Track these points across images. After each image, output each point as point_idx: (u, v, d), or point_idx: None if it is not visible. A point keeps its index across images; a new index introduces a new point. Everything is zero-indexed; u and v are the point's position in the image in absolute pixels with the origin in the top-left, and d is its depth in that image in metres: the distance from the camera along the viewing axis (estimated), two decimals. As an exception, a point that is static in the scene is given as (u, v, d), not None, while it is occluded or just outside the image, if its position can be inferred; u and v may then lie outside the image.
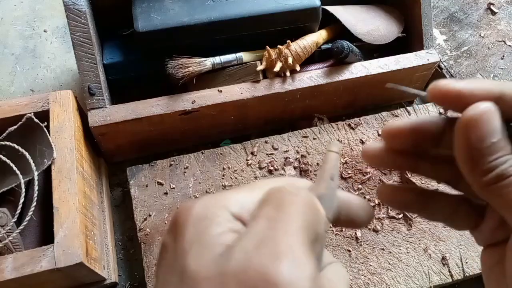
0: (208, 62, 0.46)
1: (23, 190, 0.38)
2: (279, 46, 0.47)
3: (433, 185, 0.44)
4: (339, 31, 0.52)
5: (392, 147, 0.20)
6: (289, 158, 0.48)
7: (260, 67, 0.47)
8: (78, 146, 0.42)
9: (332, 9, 0.50)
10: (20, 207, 0.37)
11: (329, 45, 0.50)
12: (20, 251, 0.37)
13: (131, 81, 0.49)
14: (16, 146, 0.40)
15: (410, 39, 0.54)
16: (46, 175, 0.41)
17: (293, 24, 0.48)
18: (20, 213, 0.37)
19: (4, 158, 0.39)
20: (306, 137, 0.49)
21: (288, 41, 0.47)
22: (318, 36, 0.50)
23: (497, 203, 0.17)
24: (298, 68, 0.48)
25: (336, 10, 0.51)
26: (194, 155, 0.48)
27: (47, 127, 0.41)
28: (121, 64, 0.47)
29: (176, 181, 0.46)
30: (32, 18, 0.64)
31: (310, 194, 0.16)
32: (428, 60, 0.51)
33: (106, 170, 0.51)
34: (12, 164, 0.39)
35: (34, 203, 0.37)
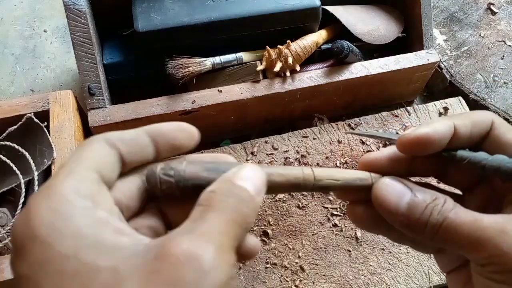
0: (208, 62, 0.46)
1: (23, 190, 0.38)
2: (279, 46, 0.47)
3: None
4: (339, 31, 0.52)
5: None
6: (289, 158, 0.48)
7: (260, 67, 0.47)
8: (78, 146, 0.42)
9: (332, 9, 0.50)
10: (20, 207, 0.37)
11: (329, 45, 0.50)
12: (20, 251, 0.37)
13: (131, 81, 0.49)
14: (16, 146, 0.40)
15: (410, 39, 0.54)
16: (46, 175, 0.41)
17: (293, 24, 0.48)
18: (20, 213, 0.37)
19: (4, 158, 0.39)
20: (306, 137, 0.49)
21: (288, 41, 0.47)
22: (318, 36, 0.50)
23: (450, 248, 0.19)
24: (298, 68, 0.48)
25: (336, 10, 0.51)
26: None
27: (47, 127, 0.41)
28: (121, 64, 0.47)
29: (176, 181, 0.46)
30: (32, 18, 0.64)
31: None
32: (428, 60, 0.51)
33: (106, 170, 0.51)
34: (12, 164, 0.39)
35: (34, 203, 0.37)
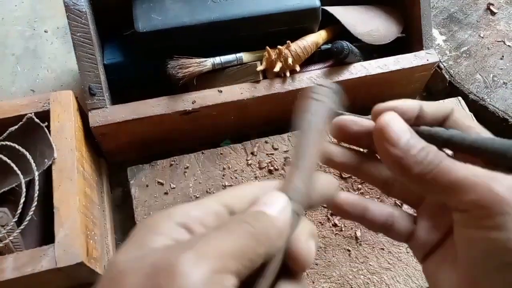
0: (208, 63, 0.46)
1: (24, 190, 0.38)
2: (279, 46, 0.47)
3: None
4: (338, 31, 0.52)
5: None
6: (289, 158, 0.48)
7: (260, 68, 0.47)
8: (78, 146, 0.42)
9: (331, 9, 0.50)
10: (20, 207, 0.37)
11: (328, 46, 0.50)
12: (21, 251, 0.37)
13: (131, 81, 0.49)
14: (17, 146, 0.40)
15: (409, 39, 0.54)
16: (47, 175, 0.41)
17: (293, 25, 0.48)
18: (20, 213, 0.37)
19: (4, 158, 0.39)
20: (306, 137, 0.49)
21: (288, 41, 0.47)
22: (318, 37, 0.50)
23: (433, 191, 0.19)
24: (298, 68, 0.48)
25: (336, 11, 0.51)
26: (195, 155, 0.48)
27: (48, 127, 0.41)
28: (122, 64, 0.47)
29: (177, 181, 0.46)
30: (32, 18, 0.64)
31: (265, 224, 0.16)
32: (427, 60, 0.52)
33: (107, 170, 0.51)
34: (12, 164, 0.39)
35: (35, 203, 0.37)
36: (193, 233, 0.16)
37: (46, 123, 0.41)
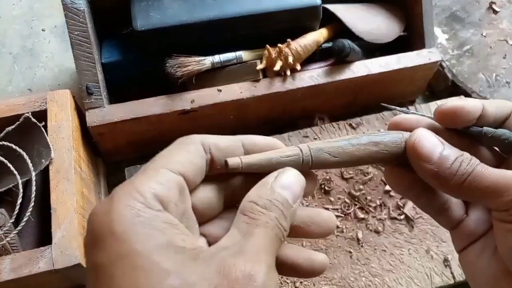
0: (208, 61, 0.46)
1: (21, 190, 0.38)
2: (279, 45, 0.46)
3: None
4: (340, 29, 0.51)
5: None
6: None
7: (260, 66, 0.47)
8: (76, 146, 0.41)
9: (332, 7, 0.50)
10: (17, 207, 0.37)
11: (330, 44, 0.50)
12: (18, 252, 0.36)
13: (129, 80, 0.49)
14: (14, 146, 0.39)
15: (411, 38, 0.54)
16: (44, 176, 0.40)
17: (294, 23, 0.48)
18: (17, 214, 0.37)
19: (1, 158, 0.39)
20: (306, 137, 0.49)
21: (288, 40, 0.47)
22: (319, 35, 0.49)
23: (472, 198, 0.21)
24: (298, 67, 0.47)
25: (337, 9, 0.50)
26: (194, 155, 0.47)
27: (45, 127, 0.41)
28: (120, 63, 0.47)
29: (175, 181, 0.46)
30: (30, 17, 0.63)
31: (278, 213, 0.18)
32: (429, 59, 0.51)
33: (104, 170, 0.50)
34: (9, 164, 0.39)
35: (32, 204, 0.37)
36: (166, 206, 0.17)
37: (43, 123, 0.41)
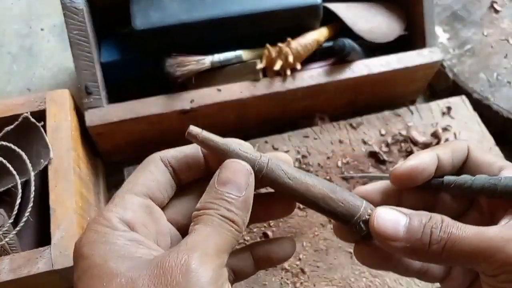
0: (207, 61, 0.46)
1: (20, 190, 0.37)
2: (279, 44, 0.46)
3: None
4: (340, 29, 0.51)
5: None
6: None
7: (260, 66, 0.46)
8: (75, 146, 0.41)
9: (333, 6, 0.50)
10: (16, 208, 0.37)
11: (330, 43, 0.49)
12: (17, 252, 0.36)
13: (128, 79, 0.48)
14: (13, 146, 0.39)
15: (412, 37, 0.54)
16: (43, 176, 0.40)
17: (294, 22, 0.48)
18: (16, 214, 0.37)
19: (0, 158, 0.39)
20: (307, 136, 0.49)
21: (288, 39, 0.46)
22: (319, 34, 0.49)
23: (456, 263, 0.20)
24: (298, 66, 0.47)
25: (337, 8, 0.50)
26: (193, 155, 0.47)
27: (44, 126, 0.41)
28: (119, 62, 0.47)
29: (175, 181, 0.46)
30: (29, 16, 0.63)
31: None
32: (431, 58, 0.51)
33: (104, 171, 0.50)
34: (8, 165, 0.38)
35: (31, 204, 0.37)
36: (133, 227, 0.19)
37: (42, 123, 0.41)
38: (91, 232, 0.19)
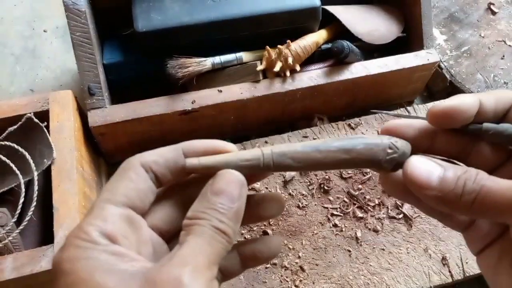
0: (208, 62, 0.46)
1: (23, 190, 0.38)
2: (279, 46, 0.46)
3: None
4: (339, 31, 0.51)
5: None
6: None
7: (260, 67, 0.47)
8: (78, 146, 0.41)
9: (332, 9, 0.50)
10: (20, 207, 0.37)
11: (329, 45, 0.50)
12: (20, 251, 0.37)
13: (131, 81, 0.49)
14: (16, 146, 0.39)
15: (410, 39, 0.54)
16: (46, 175, 0.40)
17: (293, 24, 0.48)
18: (20, 213, 0.37)
19: (4, 158, 0.39)
20: (306, 137, 0.49)
21: (288, 41, 0.47)
22: (318, 36, 0.49)
23: (486, 217, 0.19)
24: (298, 68, 0.48)
25: (336, 10, 0.50)
26: (194, 155, 0.48)
27: (47, 127, 0.41)
28: (121, 64, 0.47)
29: (176, 181, 0.46)
30: (32, 18, 0.63)
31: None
32: (428, 60, 0.51)
33: (106, 170, 0.50)
34: (12, 164, 0.39)
35: (34, 203, 0.37)
36: (114, 239, 0.18)
37: (45, 123, 0.41)
38: (71, 247, 0.18)
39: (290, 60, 0.46)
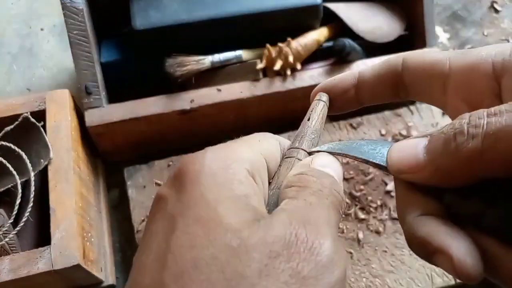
0: (207, 60, 0.46)
1: (20, 190, 0.37)
2: (279, 44, 0.46)
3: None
4: (340, 29, 0.51)
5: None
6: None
7: (260, 66, 0.46)
8: (75, 146, 0.41)
9: (333, 6, 0.50)
10: (16, 208, 0.37)
11: (330, 43, 0.49)
12: (17, 252, 0.36)
13: (128, 80, 0.48)
14: (12, 146, 0.39)
15: (412, 37, 0.54)
16: (43, 176, 0.40)
17: (294, 22, 0.48)
18: (16, 214, 0.37)
19: (0, 159, 0.39)
20: (307, 136, 0.49)
21: (288, 39, 0.46)
22: (319, 34, 0.49)
23: (503, 162, 0.14)
24: (299, 66, 0.47)
25: (338, 8, 0.50)
26: (193, 155, 0.47)
27: (44, 126, 0.41)
28: (119, 62, 0.47)
29: (175, 181, 0.46)
30: (29, 16, 0.63)
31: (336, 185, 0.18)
32: (430, 58, 0.51)
33: (103, 171, 0.50)
34: (8, 165, 0.38)
35: (31, 204, 0.37)
36: (253, 175, 0.17)
37: (42, 123, 0.41)
38: (214, 160, 0.17)
39: (290, 59, 0.46)
